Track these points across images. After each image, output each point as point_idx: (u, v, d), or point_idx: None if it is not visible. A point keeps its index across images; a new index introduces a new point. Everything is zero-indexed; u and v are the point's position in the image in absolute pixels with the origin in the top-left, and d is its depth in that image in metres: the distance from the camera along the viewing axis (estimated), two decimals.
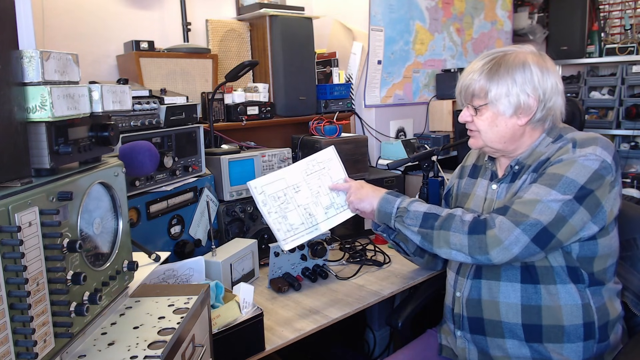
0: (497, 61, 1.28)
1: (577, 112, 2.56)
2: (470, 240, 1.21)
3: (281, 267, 1.66)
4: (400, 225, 1.34)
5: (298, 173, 1.49)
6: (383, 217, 1.37)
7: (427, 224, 1.28)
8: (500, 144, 1.33)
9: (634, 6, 3.78)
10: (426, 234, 1.28)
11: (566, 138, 1.29)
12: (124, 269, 0.96)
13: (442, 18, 2.96)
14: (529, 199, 1.19)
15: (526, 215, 1.17)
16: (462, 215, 1.25)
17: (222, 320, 1.21)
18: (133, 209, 1.45)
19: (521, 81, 1.26)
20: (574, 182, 1.17)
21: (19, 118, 0.72)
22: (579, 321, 1.23)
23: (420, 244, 1.31)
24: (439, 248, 1.26)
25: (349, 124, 2.60)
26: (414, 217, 1.31)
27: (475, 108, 1.32)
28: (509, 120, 1.29)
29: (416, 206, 1.33)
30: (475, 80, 1.30)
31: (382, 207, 1.37)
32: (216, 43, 2.23)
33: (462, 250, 1.22)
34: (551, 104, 1.28)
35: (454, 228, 1.23)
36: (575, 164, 1.18)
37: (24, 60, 0.73)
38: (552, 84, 1.28)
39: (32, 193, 0.69)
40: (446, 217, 1.27)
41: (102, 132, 0.89)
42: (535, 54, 1.31)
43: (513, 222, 1.17)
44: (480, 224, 1.22)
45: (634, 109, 3.45)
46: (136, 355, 0.79)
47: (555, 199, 1.16)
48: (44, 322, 0.70)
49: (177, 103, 1.66)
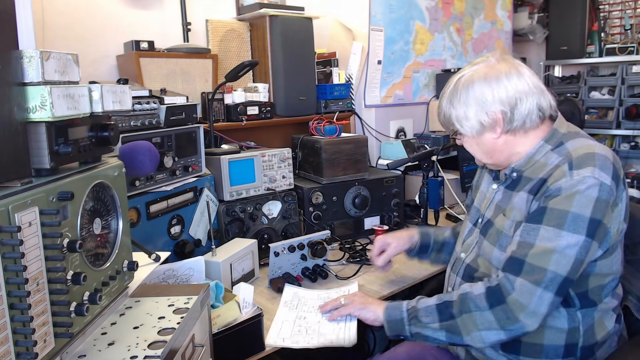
0: (455, 86, 1.27)
1: (577, 112, 2.56)
2: (495, 314, 1.15)
3: (281, 267, 1.66)
4: (418, 327, 1.24)
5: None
6: (394, 326, 1.27)
7: (445, 315, 1.21)
8: (489, 159, 1.32)
9: (634, 6, 3.78)
10: (450, 325, 1.20)
11: (565, 149, 1.21)
12: (124, 269, 0.96)
13: (442, 18, 2.96)
14: (542, 249, 1.13)
15: (544, 269, 1.12)
16: (473, 290, 1.20)
17: (222, 320, 1.21)
18: (133, 209, 1.45)
19: (475, 101, 1.23)
20: (580, 216, 1.11)
21: (19, 118, 0.72)
22: (561, 342, 1.21)
23: (447, 339, 1.22)
24: (468, 335, 1.18)
25: (349, 124, 2.60)
26: (429, 312, 1.23)
27: (454, 134, 1.34)
28: (483, 138, 1.28)
29: (425, 301, 1.26)
30: (442, 109, 1.31)
31: (390, 317, 1.28)
32: (216, 43, 2.23)
33: (492, 328, 1.15)
34: (520, 108, 1.22)
35: (473, 307, 1.17)
36: (576, 195, 1.12)
37: (24, 60, 0.73)
38: (512, 89, 1.21)
39: (32, 193, 0.69)
40: (460, 299, 1.20)
41: (102, 132, 0.89)
42: (489, 65, 1.25)
43: (532, 282, 1.12)
44: (496, 293, 1.16)
45: (634, 109, 3.45)
46: (136, 355, 0.79)
47: (569, 244, 1.11)
48: (44, 322, 0.70)
49: (177, 103, 1.66)
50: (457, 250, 1.45)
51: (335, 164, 2.04)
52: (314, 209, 2.00)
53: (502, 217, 1.29)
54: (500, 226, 1.28)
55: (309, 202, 1.99)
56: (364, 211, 2.10)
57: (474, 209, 1.45)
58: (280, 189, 1.94)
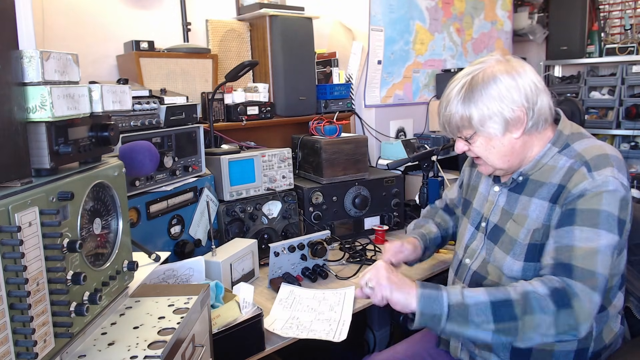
0: (469, 85, 1.20)
1: (577, 112, 2.56)
2: (558, 317, 1.05)
3: (281, 267, 1.66)
4: (459, 325, 1.09)
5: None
6: (428, 320, 1.11)
7: (504, 315, 1.07)
8: (505, 164, 1.25)
9: (634, 6, 3.78)
10: (507, 328, 1.07)
11: (574, 151, 1.20)
12: (124, 269, 0.96)
13: (442, 18, 2.96)
14: (585, 250, 1.09)
15: (594, 272, 1.07)
16: (536, 289, 1.08)
17: (222, 320, 1.21)
18: (133, 209, 1.45)
19: (499, 97, 1.17)
20: (612, 215, 1.10)
21: (19, 118, 0.72)
22: (572, 348, 1.20)
23: (493, 340, 1.09)
24: (522, 336, 1.07)
25: (349, 124, 2.60)
26: (481, 311, 1.08)
27: (466, 139, 1.26)
28: (503, 139, 1.21)
29: (471, 295, 1.11)
30: (454, 112, 1.22)
31: (425, 309, 1.11)
32: (216, 43, 2.23)
33: (548, 333, 1.06)
34: (538, 106, 1.20)
35: (538, 308, 1.06)
36: (604, 194, 1.11)
37: (24, 60, 0.73)
38: (531, 85, 1.19)
39: (32, 193, 0.69)
40: (523, 298, 1.08)
41: (102, 132, 0.89)
42: (501, 62, 1.22)
43: (590, 287, 1.07)
44: (563, 294, 1.07)
45: (634, 109, 3.45)
46: (136, 355, 0.79)
47: (608, 243, 1.09)
48: (44, 322, 0.70)
49: (177, 103, 1.66)
50: (459, 254, 1.41)
51: (335, 164, 2.04)
52: (314, 209, 2.00)
53: (514, 224, 1.25)
54: (514, 234, 1.24)
55: (309, 202, 1.99)
56: (364, 211, 2.10)
57: (474, 211, 1.41)
58: (280, 189, 1.94)
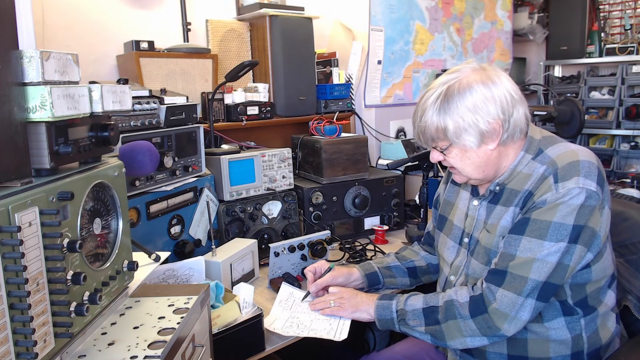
0: (444, 95, 1.17)
1: (577, 112, 2.56)
2: (477, 323, 1.17)
3: (281, 267, 1.66)
4: (407, 329, 1.28)
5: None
6: (385, 324, 1.31)
7: (431, 320, 1.24)
8: (479, 174, 1.24)
9: (634, 6, 3.78)
10: (435, 330, 1.23)
11: (547, 157, 1.19)
12: (124, 269, 0.96)
13: (442, 18, 2.96)
14: (524, 260, 1.13)
15: (524, 278, 1.12)
16: (458, 298, 1.21)
17: (222, 320, 1.21)
18: (133, 209, 1.45)
19: (474, 108, 1.15)
20: (563, 225, 1.10)
21: (19, 118, 0.72)
22: (567, 352, 1.21)
23: (432, 342, 1.26)
24: (452, 340, 1.21)
25: (349, 124, 2.61)
26: (415, 316, 1.26)
27: (441, 150, 1.24)
28: (478, 151, 1.19)
29: (412, 303, 1.28)
30: (429, 123, 1.19)
31: (380, 316, 1.32)
32: (216, 43, 2.23)
33: (475, 335, 1.18)
34: (514, 117, 1.17)
35: (457, 315, 1.20)
36: (559, 206, 1.11)
37: (24, 60, 0.73)
38: (507, 96, 1.16)
39: (32, 193, 0.69)
40: (445, 306, 1.22)
41: (102, 132, 0.89)
42: (477, 70, 1.19)
43: (514, 292, 1.13)
44: (479, 303, 1.18)
45: (634, 109, 3.45)
46: (136, 355, 0.79)
47: (550, 252, 1.11)
48: (44, 322, 0.70)
49: (177, 103, 1.66)
50: (445, 271, 1.40)
51: (335, 164, 2.04)
52: (314, 209, 2.00)
53: (487, 233, 1.25)
54: (487, 244, 1.24)
55: (309, 202, 1.99)
56: (364, 211, 2.10)
57: (455, 227, 1.39)
58: (280, 189, 1.94)
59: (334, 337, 1.30)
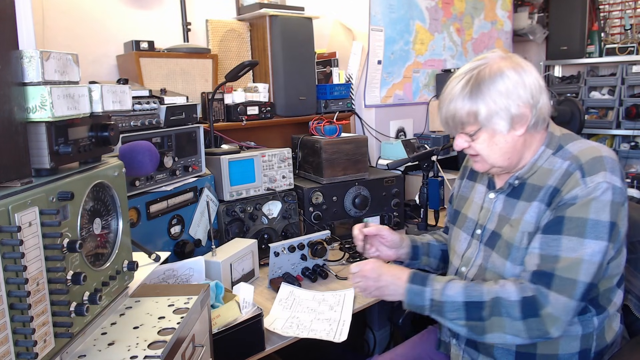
0: (475, 80, 1.18)
1: (577, 112, 2.56)
2: (527, 324, 1.13)
3: (281, 267, 1.66)
4: (440, 317, 1.22)
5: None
6: (415, 309, 1.25)
7: (474, 315, 1.17)
8: (505, 161, 1.24)
9: (634, 6, 3.78)
10: (475, 326, 1.17)
11: (568, 153, 1.20)
12: (124, 269, 0.96)
13: (442, 18, 2.96)
14: (570, 261, 1.12)
15: (574, 280, 1.11)
16: (507, 296, 1.15)
17: (222, 320, 1.21)
18: (133, 209, 1.45)
19: (506, 92, 1.16)
20: (599, 222, 1.11)
21: (19, 118, 0.72)
22: (576, 350, 1.21)
23: (467, 335, 1.21)
24: (490, 334, 1.16)
25: (349, 124, 2.60)
26: (454, 309, 1.19)
27: (469, 135, 1.23)
28: (507, 136, 1.20)
29: (451, 294, 1.20)
30: (459, 107, 1.20)
31: (411, 301, 1.24)
32: (216, 43, 2.23)
33: (519, 335, 1.14)
34: (540, 104, 1.19)
35: (505, 313, 1.14)
36: (592, 202, 1.12)
37: (24, 60, 0.73)
38: (535, 83, 1.19)
39: (32, 193, 0.69)
40: (492, 302, 1.16)
41: (102, 132, 0.89)
42: (506, 58, 1.21)
43: (567, 295, 1.11)
44: (532, 304, 1.13)
45: (634, 109, 3.45)
46: (136, 355, 0.79)
47: (594, 251, 1.11)
48: (44, 322, 0.70)
49: (177, 103, 1.66)
50: (455, 263, 1.40)
51: (335, 164, 2.04)
52: (314, 209, 2.00)
53: (509, 227, 1.25)
54: (510, 238, 1.24)
55: (309, 202, 1.99)
56: (364, 211, 2.10)
57: (469, 220, 1.39)
58: (280, 189, 1.94)
59: (334, 338, 1.30)
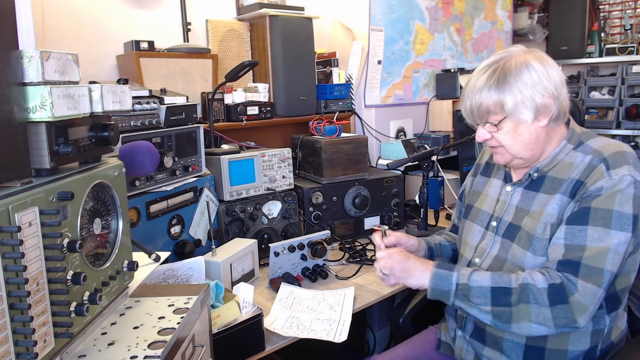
0: (501, 70, 1.21)
1: (577, 112, 2.55)
2: (555, 312, 1.12)
3: (281, 267, 1.66)
4: (464, 304, 1.21)
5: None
6: (439, 295, 1.23)
7: (501, 301, 1.16)
8: (527, 152, 1.26)
9: (634, 6, 3.78)
10: (503, 312, 1.16)
11: (590, 148, 1.23)
12: (124, 269, 0.96)
13: (442, 18, 2.96)
14: (597, 250, 1.13)
15: (601, 269, 1.12)
16: (535, 282, 1.15)
17: (222, 320, 1.21)
18: (133, 209, 1.45)
19: (531, 83, 1.19)
20: (624, 214, 1.13)
21: (19, 118, 0.72)
22: (585, 347, 1.21)
23: (492, 322, 1.19)
24: (517, 323, 1.15)
25: (349, 124, 2.60)
26: (481, 294, 1.18)
27: (494, 124, 1.25)
28: (531, 126, 1.22)
29: (478, 279, 1.20)
30: (485, 96, 1.22)
31: (436, 285, 1.23)
32: (216, 43, 2.23)
33: (545, 324, 1.13)
34: (562, 96, 1.23)
35: (532, 300, 1.14)
36: (617, 194, 1.14)
37: (24, 60, 0.73)
38: (558, 75, 1.22)
39: (32, 193, 0.69)
40: (520, 288, 1.15)
41: (102, 132, 0.89)
42: (530, 52, 1.24)
43: (595, 284, 1.12)
44: (560, 291, 1.13)
45: (634, 109, 3.45)
46: (136, 355, 0.79)
47: (619, 241, 1.12)
48: (44, 322, 0.70)
49: (177, 103, 1.66)
50: (467, 255, 1.40)
51: (335, 164, 2.04)
52: (314, 209, 2.00)
53: (531, 219, 1.25)
54: (531, 229, 1.24)
55: (309, 202, 1.99)
56: (364, 211, 2.10)
57: (483, 213, 1.40)
58: (280, 189, 1.94)
59: (334, 339, 1.30)
